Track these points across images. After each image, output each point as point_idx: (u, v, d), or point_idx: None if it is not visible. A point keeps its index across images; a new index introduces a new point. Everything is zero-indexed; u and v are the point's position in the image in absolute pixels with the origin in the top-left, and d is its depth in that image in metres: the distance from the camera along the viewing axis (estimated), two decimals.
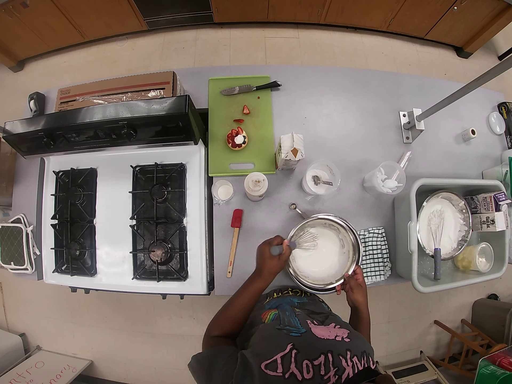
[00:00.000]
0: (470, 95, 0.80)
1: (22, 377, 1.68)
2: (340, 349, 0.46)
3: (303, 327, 0.52)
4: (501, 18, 2.11)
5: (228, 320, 0.64)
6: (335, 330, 0.52)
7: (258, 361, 0.43)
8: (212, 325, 0.65)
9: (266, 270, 0.66)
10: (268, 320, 0.59)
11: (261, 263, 0.67)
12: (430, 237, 0.97)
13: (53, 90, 1.16)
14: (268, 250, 0.67)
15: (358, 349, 0.48)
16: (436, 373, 1.76)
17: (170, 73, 1.02)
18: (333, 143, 1.06)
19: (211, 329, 0.64)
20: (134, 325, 1.99)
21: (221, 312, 0.66)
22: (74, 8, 2.06)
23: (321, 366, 0.43)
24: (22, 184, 1.13)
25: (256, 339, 0.51)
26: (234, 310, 0.64)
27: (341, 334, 0.50)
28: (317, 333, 0.50)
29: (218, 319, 0.66)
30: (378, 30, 2.43)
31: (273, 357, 0.43)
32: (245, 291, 0.66)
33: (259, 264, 0.68)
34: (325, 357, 0.44)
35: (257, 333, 0.53)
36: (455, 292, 2.10)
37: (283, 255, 0.68)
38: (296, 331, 0.50)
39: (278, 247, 0.66)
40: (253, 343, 0.50)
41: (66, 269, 1.06)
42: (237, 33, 2.43)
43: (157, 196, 1.00)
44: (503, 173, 1.06)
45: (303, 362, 0.43)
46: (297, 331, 0.51)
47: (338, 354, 0.45)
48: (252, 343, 0.51)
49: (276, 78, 1.09)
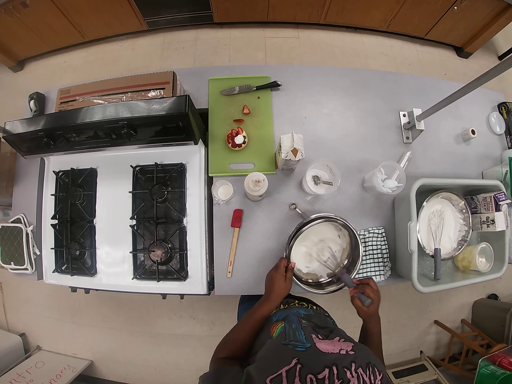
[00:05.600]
0: (470, 95, 0.80)
1: (22, 377, 1.68)
2: (345, 362, 0.46)
3: (308, 341, 0.52)
4: (501, 18, 2.11)
5: (236, 341, 0.67)
6: (339, 344, 0.52)
7: (263, 376, 0.44)
8: (220, 347, 0.68)
9: (274, 294, 0.72)
10: (275, 334, 0.60)
11: (270, 288, 0.74)
12: (430, 237, 0.97)
13: (53, 90, 1.16)
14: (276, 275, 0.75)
15: (363, 361, 0.47)
16: (436, 373, 1.77)
17: (170, 73, 1.02)
18: (333, 143, 1.06)
19: (219, 350, 0.67)
20: (134, 325, 1.99)
21: (229, 334, 0.70)
22: (74, 8, 2.06)
23: (325, 380, 0.43)
24: (22, 184, 1.13)
25: (261, 354, 0.52)
26: (242, 332, 0.68)
27: (346, 348, 0.50)
28: (322, 347, 0.50)
29: (226, 341, 0.69)
30: (378, 30, 2.43)
31: (278, 371, 0.44)
32: (254, 315, 0.70)
33: (268, 289, 0.75)
34: (329, 370, 0.44)
35: (263, 349, 0.54)
36: (455, 292, 2.10)
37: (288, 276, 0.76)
38: (301, 345, 0.51)
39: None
40: (259, 358, 0.51)
41: (66, 269, 1.06)
42: (237, 33, 2.43)
43: (157, 196, 1.00)
44: (503, 173, 1.06)
45: (307, 376, 0.43)
46: (302, 345, 0.51)
47: (343, 366, 0.45)
48: (257, 358, 0.51)
49: (276, 78, 1.09)
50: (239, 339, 0.67)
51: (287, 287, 0.74)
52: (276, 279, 0.74)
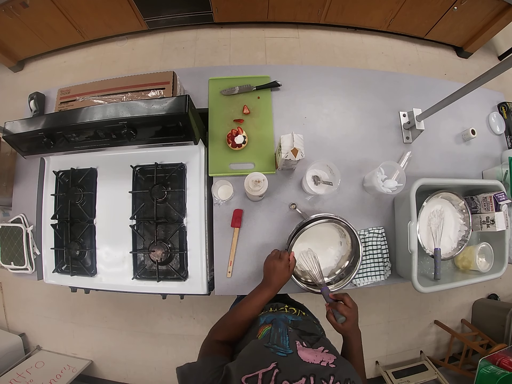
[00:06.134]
0: (470, 95, 0.80)
1: (22, 377, 1.68)
2: (324, 374, 0.46)
3: (290, 347, 0.53)
4: (501, 18, 2.11)
5: (234, 325, 0.67)
6: (322, 354, 0.52)
7: (240, 374, 0.44)
8: (217, 329, 0.68)
9: (276, 281, 0.74)
10: (261, 336, 0.61)
11: (273, 275, 0.75)
12: (430, 237, 0.97)
13: (53, 90, 1.16)
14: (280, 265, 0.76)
15: (343, 376, 0.47)
16: (436, 373, 1.77)
17: (170, 73, 1.02)
18: (333, 143, 1.06)
19: (216, 332, 0.67)
20: (134, 325, 1.99)
21: (227, 317, 0.70)
22: (74, 8, 2.07)
23: None
24: (22, 184, 1.13)
25: (243, 352, 0.53)
26: (241, 316, 0.68)
27: (327, 360, 0.50)
28: (303, 356, 0.50)
29: (224, 323, 0.69)
30: (378, 30, 2.43)
31: (255, 372, 0.44)
32: (254, 299, 0.72)
33: (269, 276, 0.76)
34: (306, 379, 0.44)
35: (246, 348, 0.54)
36: (455, 292, 2.10)
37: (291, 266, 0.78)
38: (283, 351, 0.51)
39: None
40: (240, 356, 0.52)
41: (66, 269, 1.06)
42: (237, 33, 2.43)
43: (157, 196, 1.00)
44: (503, 173, 1.06)
45: (283, 382, 0.43)
46: (284, 351, 0.51)
47: (321, 378, 0.45)
48: (239, 356, 0.52)
49: (276, 78, 1.09)
50: (237, 323, 0.67)
51: (288, 278, 0.77)
52: (280, 269, 0.75)
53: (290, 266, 0.78)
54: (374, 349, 1.96)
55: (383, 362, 1.94)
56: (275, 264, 0.76)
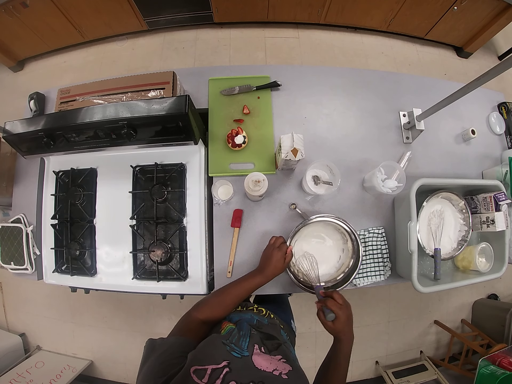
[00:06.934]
0: (470, 95, 0.80)
1: (22, 377, 1.68)
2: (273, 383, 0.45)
3: (248, 350, 0.52)
4: (501, 18, 2.11)
5: (219, 303, 0.67)
6: (277, 363, 0.50)
7: (192, 364, 0.44)
8: (200, 305, 0.67)
9: (270, 270, 0.74)
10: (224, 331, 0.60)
11: (268, 264, 0.75)
12: (430, 237, 0.97)
13: (53, 90, 1.16)
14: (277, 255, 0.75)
15: None
16: (436, 373, 1.77)
17: (170, 73, 1.02)
18: (333, 143, 1.06)
19: (198, 308, 0.66)
20: (134, 325, 1.99)
21: (214, 295, 0.70)
22: (74, 8, 2.07)
23: None
24: (22, 184, 1.13)
25: (202, 344, 0.52)
26: (229, 296, 0.68)
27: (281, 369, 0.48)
28: (257, 361, 0.49)
29: (209, 300, 0.68)
30: (378, 30, 2.43)
31: (205, 365, 0.44)
32: (245, 282, 0.72)
33: (264, 263, 0.77)
34: None
35: (206, 340, 0.53)
36: (455, 292, 2.10)
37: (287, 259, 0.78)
38: (238, 351, 0.50)
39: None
40: (199, 347, 0.51)
41: (66, 269, 1.06)
42: (237, 33, 2.43)
43: (157, 196, 1.00)
44: (503, 173, 1.06)
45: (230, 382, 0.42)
46: (240, 352, 0.50)
47: None
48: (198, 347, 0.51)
49: (276, 78, 1.09)
50: (222, 302, 0.68)
51: (282, 269, 0.77)
52: (276, 258, 0.76)
53: (286, 258, 0.78)
54: (374, 349, 1.96)
55: (383, 362, 1.94)
56: (272, 253, 0.77)
